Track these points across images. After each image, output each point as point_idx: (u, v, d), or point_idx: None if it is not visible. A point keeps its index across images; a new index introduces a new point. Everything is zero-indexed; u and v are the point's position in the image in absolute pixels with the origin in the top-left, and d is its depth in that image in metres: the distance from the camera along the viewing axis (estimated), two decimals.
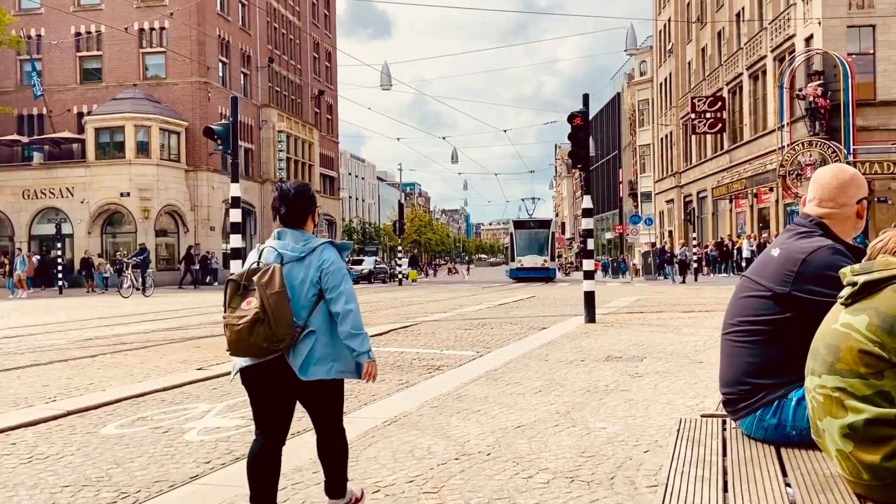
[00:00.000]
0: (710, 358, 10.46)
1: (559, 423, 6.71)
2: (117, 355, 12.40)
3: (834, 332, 2.73)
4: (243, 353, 4.15)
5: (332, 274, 4.16)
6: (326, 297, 4.15)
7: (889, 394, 2.57)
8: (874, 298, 2.65)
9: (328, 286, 4.14)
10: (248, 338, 4.01)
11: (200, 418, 7.34)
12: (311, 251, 4.21)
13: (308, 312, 4.13)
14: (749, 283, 3.68)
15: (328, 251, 4.23)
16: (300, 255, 4.21)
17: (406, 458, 5.62)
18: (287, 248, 4.24)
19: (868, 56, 38.80)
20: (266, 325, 3.96)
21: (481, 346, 12.97)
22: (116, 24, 50.24)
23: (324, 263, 4.17)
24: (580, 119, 16.83)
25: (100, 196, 49.21)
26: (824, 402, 2.72)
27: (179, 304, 27.19)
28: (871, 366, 2.58)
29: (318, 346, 4.12)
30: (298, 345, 4.09)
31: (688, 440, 3.54)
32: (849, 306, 2.73)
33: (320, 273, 4.16)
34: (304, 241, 4.26)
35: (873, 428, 2.57)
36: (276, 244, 4.28)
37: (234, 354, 4.23)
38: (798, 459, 3.20)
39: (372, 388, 8.84)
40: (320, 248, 4.22)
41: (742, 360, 3.59)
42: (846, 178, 3.62)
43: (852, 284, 2.74)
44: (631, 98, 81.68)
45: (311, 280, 4.16)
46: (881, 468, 2.57)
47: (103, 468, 5.61)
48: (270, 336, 3.96)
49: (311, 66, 72.17)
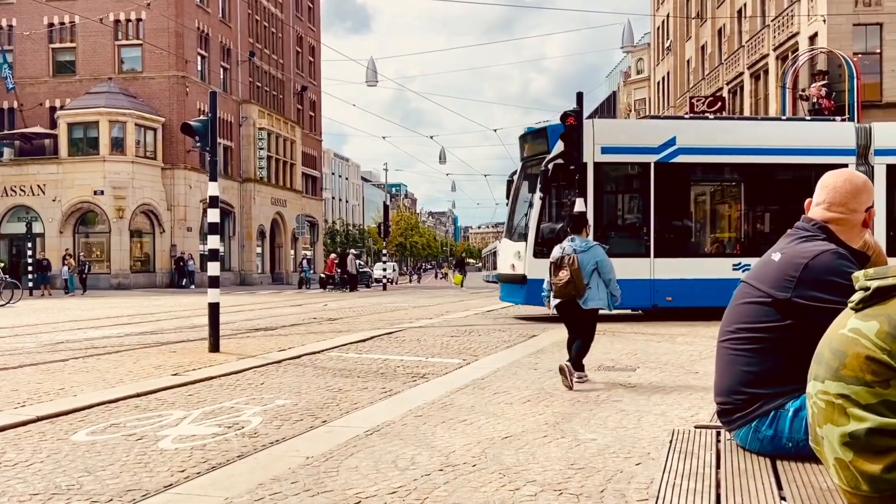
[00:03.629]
0: (706, 368, 10.51)
1: (548, 433, 6.73)
2: (89, 359, 12.37)
3: (841, 337, 2.73)
4: (561, 297, 9.56)
5: (602, 260, 9.59)
6: (599, 272, 9.54)
7: (894, 404, 2.57)
8: (887, 305, 2.64)
9: (601, 268, 9.57)
10: (563, 289, 9.44)
11: (175, 425, 7.33)
12: (590, 248, 9.61)
13: (588, 278, 9.48)
14: (748, 288, 3.68)
15: (599, 249, 9.66)
16: (585, 249, 9.57)
17: (389, 468, 5.63)
18: (577, 246, 9.60)
19: (874, 56, 38.97)
20: (571, 284, 9.39)
21: (468, 353, 12.99)
22: (91, 14, 50.11)
23: (597, 255, 9.57)
24: (574, 119, 16.89)
25: (72, 194, 49.10)
26: (826, 409, 2.72)
27: (155, 307, 27.12)
28: (878, 374, 2.58)
29: (591, 293, 9.52)
30: (583, 292, 9.44)
31: (681, 452, 3.55)
32: (859, 311, 2.72)
33: (596, 260, 9.55)
34: (585, 242, 9.66)
35: (875, 438, 2.58)
36: (571, 244, 9.63)
37: (556, 297, 9.63)
38: (794, 472, 3.21)
39: (354, 397, 8.85)
40: (594, 247, 9.65)
41: (738, 369, 3.60)
42: (859, 184, 3.64)
43: (864, 289, 2.74)
44: (627, 97, 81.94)
45: (590, 262, 9.51)
46: (881, 479, 2.58)
47: (74, 476, 5.61)
48: (573, 289, 9.40)
49: (294, 60, 72.16)
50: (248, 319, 21.23)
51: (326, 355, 12.86)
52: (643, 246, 19.72)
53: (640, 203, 20.10)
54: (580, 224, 9.91)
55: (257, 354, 12.85)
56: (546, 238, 18.99)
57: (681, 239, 20.38)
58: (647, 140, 19.92)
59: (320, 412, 7.99)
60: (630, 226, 20.77)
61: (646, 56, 77.05)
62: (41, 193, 49.44)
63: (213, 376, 10.41)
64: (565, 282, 9.36)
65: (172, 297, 37.22)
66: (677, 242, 20.23)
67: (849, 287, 2.89)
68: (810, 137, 19.86)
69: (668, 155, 19.69)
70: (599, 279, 9.55)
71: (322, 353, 13.13)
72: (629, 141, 20.12)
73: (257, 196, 61.16)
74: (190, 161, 52.24)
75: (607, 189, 20.41)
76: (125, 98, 50.71)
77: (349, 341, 14.81)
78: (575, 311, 9.56)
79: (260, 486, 5.22)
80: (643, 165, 19.77)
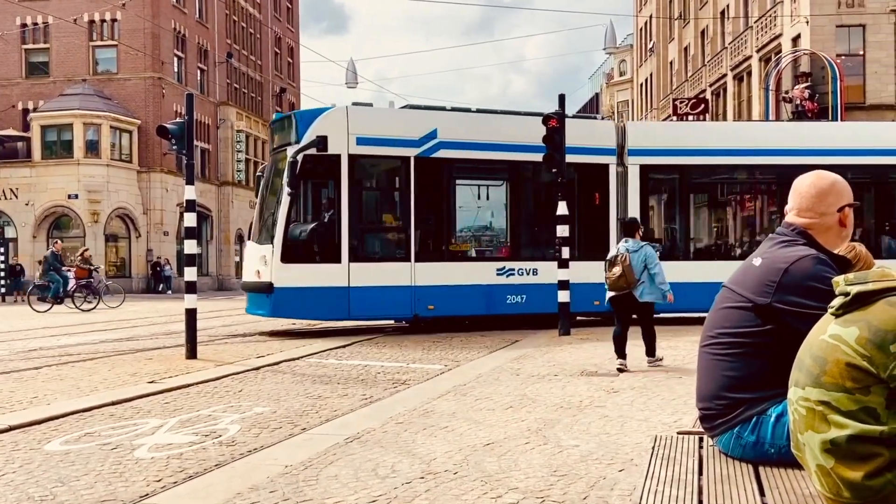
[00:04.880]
0: (689, 372, 10.55)
1: (530, 440, 6.75)
2: (63, 367, 12.31)
3: (822, 343, 2.74)
4: (615, 290, 11.28)
5: (650, 257, 11.25)
6: (648, 268, 11.21)
7: (875, 410, 2.58)
8: (867, 311, 2.66)
9: (650, 264, 11.22)
10: (616, 283, 11.18)
11: (151, 434, 7.31)
12: (641, 248, 11.29)
13: (639, 274, 11.16)
14: (729, 293, 3.70)
15: (649, 248, 11.36)
16: (636, 249, 11.26)
17: (369, 476, 5.63)
18: (630, 246, 11.31)
19: (858, 57, 39.26)
20: (624, 278, 11.11)
21: (450, 359, 13.01)
22: (65, 14, 49.82)
23: (647, 254, 11.25)
24: (556, 121, 16.90)
25: (46, 198, 48.82)
26: (807, 415, 2.74)
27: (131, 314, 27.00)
28: (858, 380, 2.59)
29: (644, 288, 11.24)
30: (636, 287, 11.19)
31: (663, 458, 3.57)
32: (839, 317, 2.74)
33: (645, 258, 11.22)
34: (636, 243, 11.37)
35: (857, 445, 2.60)
36: (625, 244, 11.39)
37: (610, 290, 11.36)
38: (776, 478, 3.23)
39: (334, 404, 8.85)
40: (644, 247, 11.36)
41: (720, 374, 3.61)
42: (824, 187, 3.63)
43: (844, 294, 2.76)
44: (610, 99, 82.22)
45: (640, 260, 11.19)
46: (863, 486, 2.60)
47: (47, 486, 5.58)
48: (626, 283, 11.14)
49: (273, 61, 72.03)
50: (225, 325, 21.18)
51: (306, 361, 12.85)
52: (403, 249, 18.33)
53: (401, 201, 18.64)
54: (632, 228, 11.78)
55: (235, 361, 12.82)
56: (297, 240, 17.62)
57: (443, 241, 18.98)
58: (407, 132, 18.42)
59: (299, 420, 7.99)
60: (389, 227, 19.12)
61: (629, 57, 77.34)
62: (14, 197, 49.13)
63: (191, 384, 10.38)
64: (617, 276, 11.20)
65: (149, 302, 37.05)
66: (440, 245, 18.92)
67: (829, 292, 2.91)
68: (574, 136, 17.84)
69: (429, 149, 18.38)
70: (649, 275, 11.34)
71: (301, 359, 13.12)
72: (388, 132, 18.37)
73: (235, 199, 60.96)
74: (166, 164, 52.05)
75: (365, 185, 19.02)
76: (100, 100, 50.44)
77: (329, 347, 14.79)
78: (630, 304, 11.42)
79: (238, 496, 5.21)
80: (403, 160, 18.31)
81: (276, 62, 73.09)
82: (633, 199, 19.77)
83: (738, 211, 22.51)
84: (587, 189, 19.85)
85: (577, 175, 19.16)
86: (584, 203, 19.69)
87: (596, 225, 19.74)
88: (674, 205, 21.31)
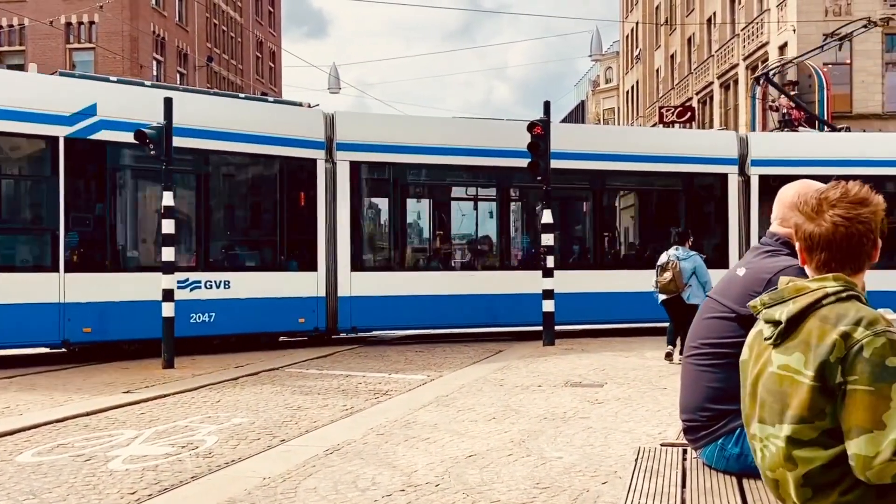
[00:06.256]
0: (674, 384, 10.55)
1: (513, 452, 6.75)
2: (36, 377, 12.24)
3: (773, 376, 2.69)
4: (665, 293, 13.18)
5: (699, 265, 13.13)
6: (697, 276, 12.99)
7: (834, 430, 2.56)
8: (801, 332, 2.61)
9: (698, 272, 13.04)
10: (667, 286, 13.06)
11: (126, 445, 7.28)
12: (690, 256, 13.17)
13: (688, 279, 12.98)
14: (713, 303, 3.71)
15: (697, 257, 13.28)
16: (686, 258, 13.14)
17: (348, 489, 5.62)
18: (680, 254, 13.18)
19: (844, 66, 39.48)
20: (674, 283, 12.96)
21: (432, 369, 12.99)
22: (41, 16, 49.60)
23: (696, 262, 13.13)
24: (541, 128, 16.92)
25: None
26: (777, 454, 2.69)
27: None
28: (813, 407, 2.55)
29: (692, 291, 12.91)
30: (685, 290, 12.95)
31: (646, 471, 3.57)
32: (778, 346, 2.70)
33: (694, 265, 13.08)
34: (686, 252, 13.24)
35: (829, 472, 2.58)
36: (676, 252, 13.19)
37: (661, 293, 13.26)
38: (760, 491, 3.24)
39: (314, 415, 8.83)
40: (693, 255, 13.26)
41: (704, 385, 3.62)
42: None
43: (774, 323, 2.71)
44: (596, 106, 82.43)
45: (689, 267, 13.04)
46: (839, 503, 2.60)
47: (18, 499, 5.55)
48: (675, 287, 12.97)
49: (254, 66, 71.92)
50: None
51: (286, 371, 12.81)
52: (49, 255, 14.17)
53: (47, 192, 14.42)
54: (684, 237, 13.59)
55: (213, 371, 12.77)
56: None
57: (101, 247, 15.10)
58: (58, 104, 14.27)
59: (278, 431, 7.97)
60: (26, 227, 14.80)
61: (615, 64, 77.57)
62: None
63: (167, 394, 10.34)
64: (668, 280, 13.00)
65: None
66: (98, 251, 15.02)
67: None
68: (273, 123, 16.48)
69: (85, 129, 14.38)
70: (698, 281, 12.99)
71: (281, 369, 13.08)
72: (31, 104, 14.05)
73: None
74: None
75: None
76: None
77: (311, 357, 14.75)
78: (680, 306, 12.95)
79: None
80: (49, 140, 14.15)
81: (258, 66, 72.99)
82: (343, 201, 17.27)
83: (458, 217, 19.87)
84: (294, 187, 17.23)
85: (279, 170, 17.02)
86: (290, 204, 17.05)
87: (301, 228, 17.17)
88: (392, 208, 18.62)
